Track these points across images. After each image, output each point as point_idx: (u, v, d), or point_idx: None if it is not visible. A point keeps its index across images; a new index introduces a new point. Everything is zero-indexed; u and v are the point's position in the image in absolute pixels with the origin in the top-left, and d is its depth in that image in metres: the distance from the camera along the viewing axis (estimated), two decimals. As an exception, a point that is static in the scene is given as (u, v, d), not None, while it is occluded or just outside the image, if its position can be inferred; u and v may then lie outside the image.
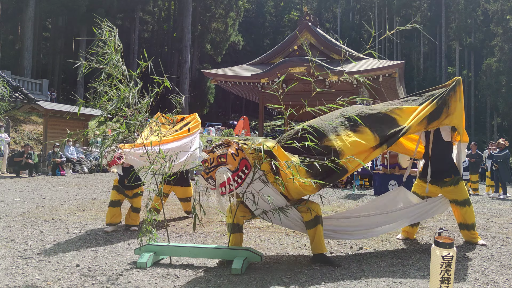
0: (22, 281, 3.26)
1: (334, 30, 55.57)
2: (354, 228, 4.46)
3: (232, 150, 3.49)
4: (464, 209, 4.80)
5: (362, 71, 14.06)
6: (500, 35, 36.42)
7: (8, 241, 4.49)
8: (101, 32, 3.68)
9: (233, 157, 3.47)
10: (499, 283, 3.50)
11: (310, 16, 18.25)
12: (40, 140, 16.13)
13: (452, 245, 2.77)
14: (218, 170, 3.39)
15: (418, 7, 48.06)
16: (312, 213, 3.89)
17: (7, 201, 7.17)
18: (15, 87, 16.86)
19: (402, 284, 3.42)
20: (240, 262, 3.59)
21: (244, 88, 18.71)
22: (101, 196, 8.40)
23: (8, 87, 11.64)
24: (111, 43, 3.70)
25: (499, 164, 11.47)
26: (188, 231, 5.26)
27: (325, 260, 3.95)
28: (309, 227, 3.94)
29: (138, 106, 3.83)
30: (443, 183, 4.85)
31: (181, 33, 36.61)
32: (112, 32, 3.73)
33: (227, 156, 3.45)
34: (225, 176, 3.36)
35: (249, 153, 3.61)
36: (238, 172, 3.46)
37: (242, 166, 3.50)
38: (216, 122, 36.63)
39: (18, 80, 21.20)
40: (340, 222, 4.44)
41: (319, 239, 3.92)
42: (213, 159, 3.50)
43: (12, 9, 30.83)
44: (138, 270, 3.62)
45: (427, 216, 5.05)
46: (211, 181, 3.49)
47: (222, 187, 3.43)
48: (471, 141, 17.97)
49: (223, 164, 3.43)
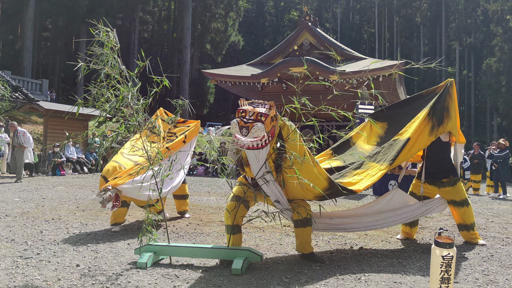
0: (22, 281, 3.26)
1: (334, 30, 55.55)
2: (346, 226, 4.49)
3: (272, 114, 3.52)
4: (462, 210, 4.80)
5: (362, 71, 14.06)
6: (500, 35, 36.39)
7: (8, 241, 4.49)
8: (98, 33, 3.68)
9: (270, 120, 3.51)
10: (499, 283, 3.51)
11: (310, 16, 18.26)
12: (40, 140, 16.12)
13: (452, 245, 2.77)
14: (257, 125, 3.41)
15: (418, 7, 48.02)
16: (302, 213, 3.91)
17: (7, 201, 7.17)
18: (15, 87, 16.87)
19: (402, 284, 3.42)
20: (240, 262, 3.59)
21: (244, 88, 18.71)
22: (101, 196, 8.40)
23: (8, 87, 11.64)
24: (109, 44, 3.69)
25: (499, 164, 11.48)
26: (188, 231, 5.26)
27: (312, 258, 4.01)
28: (297, 226, 3.97)
29: (136, 107, 3.83)
30: (441, 184, 4.85)
31: (181, 33, 36.61)
32: (109, 33, 3.72)
33: (267, 117, 3.47)
34: (261, 133, 3.41)
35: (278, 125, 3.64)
36: (268, 135, 3.51)
37: (272, 132, 3.55)
38: (216, 122, 36.61)
39: (18, 80, 21.20)
40: (334, 220, 4.44)
41: (306, 240, 3.99)
42: (253, 113, 3.50)
43: (12, 9, 30.82)
44: (138, 270, 3.62)
45: (422, 216, 5.05)
46: (244, 130, 3.45)
47: (254, 141, 3.44)
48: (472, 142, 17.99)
49: (260, 122, 3.44)
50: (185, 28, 34.62)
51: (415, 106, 4.85)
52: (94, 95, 3.65)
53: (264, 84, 16.72)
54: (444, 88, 4.69)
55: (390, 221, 4.68)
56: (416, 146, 4.46)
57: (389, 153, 4.41)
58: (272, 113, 3.52)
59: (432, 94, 4.79)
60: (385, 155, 4.45)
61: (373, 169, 4.34)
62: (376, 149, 4.77)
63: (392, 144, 4.49)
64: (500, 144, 11.83)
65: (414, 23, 48.62)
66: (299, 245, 4.03)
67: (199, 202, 7.78)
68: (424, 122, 4.46)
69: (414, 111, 4.79)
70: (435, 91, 4.80)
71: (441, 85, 4.79)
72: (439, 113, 4.55)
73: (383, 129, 4.97)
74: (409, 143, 4.36)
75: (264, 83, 16.51)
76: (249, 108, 3.52)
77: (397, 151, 4.32)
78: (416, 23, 48.45)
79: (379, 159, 4.45)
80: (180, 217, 6.29)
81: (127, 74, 3.80)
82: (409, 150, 4.41)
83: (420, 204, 4.86)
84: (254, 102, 3.64)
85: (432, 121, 4.49)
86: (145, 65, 3.74)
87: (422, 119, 4.47)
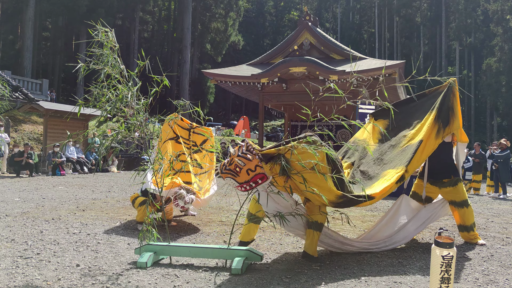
0: (22, 281, 3.26)
1: (334, 30, 55.54)
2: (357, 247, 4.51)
3: (249, 167, 3.53)
4: (462, 211, 4.79)
5: (362, 71, 14.05)
6: (500, 35, 36.40)
7: (8, 241, 4.49)
8: (97, 34, 3.68)
9: (247, 173, 3.54)
10: (499, 283, 3.51)
11: (310, 16, 18.23)
12: (40, 140, 16.13)
13: (452, 245, 2.77)
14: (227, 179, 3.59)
15: (418, 7, 48.01)
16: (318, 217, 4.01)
17: (7, 201, 7.17)
18: (15, 87, 16.85)
19: (402, 284, 3.42)
20: (240, 262, 3.59)
21: (244, 88, 18.69)
22: (101, 196, 8.40)
23: (8, 87, 11.63)
24: (108, 44, 3.69)
25: (499, 164, 11.48)
26: (188, 231, 5.26)
27: (312, 258, 4.06)
28: (310, 227, 4.05)
29: (137, 107, 3.83)
30: (442, 184, 4.85)
31: (181, 33, 36.60)
32: (108, 33, 3.72)
33: (241, 171, 3.54)
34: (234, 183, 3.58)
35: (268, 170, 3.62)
36: (249, 183, 3.57)
37: (256, 179, 3.58)
38: (216, 122, 36.62)
39: (18, 80, 21.19)
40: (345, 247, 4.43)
41: (312, 242, 4.05)
42: (232, 161, 3.57)
43: (12, 9, 30.82)
44: (138, 270, 3.62)
45: (430, 222, 5.03)
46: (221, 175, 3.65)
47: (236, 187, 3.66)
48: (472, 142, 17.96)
49: (234, 174, 3.54)
50: (185, 28, 34.61)
51: (418, 105, 4.83)
52: (95, 95, 3.66)
53: (264, 84, 16.70)
54: (448, 88, 4.65)
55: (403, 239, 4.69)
56: (426, 150, 4.43)
57: (403, 156, 4.36)
58: (249, 166, 3.52)
59: (436, 93, 4.75)
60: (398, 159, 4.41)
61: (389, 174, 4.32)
62: (380, 148, 4.77)
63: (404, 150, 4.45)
64: (502, 144, 11.83)
65: (414, 23, 48.61)
66: (307, 247, 4.09)
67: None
68: (431, 125, 4.44)
69: (417, 109, 4.77)
70: (438, 90, 4.77)
71: (444, 84, 4.73)
72: (445, 114, 4.52)
73: (385, 126, 4.96)
74: (421, 147, 4.33)
75: (264, 83, 16.49)
76: (232, 156, 3.58)
77: (412, 153, 4.29)
78: (416, 23, 48.44)
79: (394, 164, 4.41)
80: (183, 215, 6.30)
81: (127, 74, 3.80)
82: (421, 154, 4.38)
83: (425, 211, 4.82)
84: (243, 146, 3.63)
85: (438, 124, 4.46)
86: (145, 65, 3.74)
87: (430, 123, 4.44)
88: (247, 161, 3.54)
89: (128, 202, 7.54)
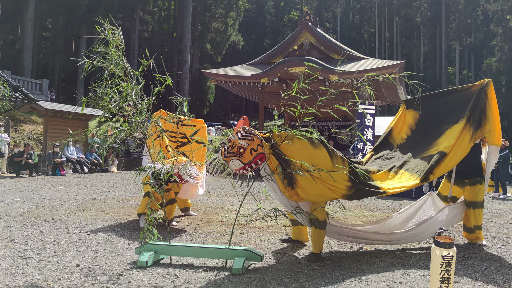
0: (22, 281, 3.26)
1: (334, 30, 55.54)
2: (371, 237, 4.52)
3: (252, 146, 3.69)
4: (469, 211, 4.80)
5: (362, 71, 14.05)
6: (500, 35, 36.42)
7: (8, 241, 4.49)
8: (103, 31, 3.69)
9: (250, 152, 3.69)
10: (499, 283, 3.51)
11: (310, 16, 18.24)
12: (40, 140, 16.13)
13: (452, 245, 2.77)
14: (232, 161, 3.70)
15: (418, 7, 48.04)
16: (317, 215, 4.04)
17: (7, 201, 7.17)
18: (15, 87, 16.85)
19: (402, 284, 3.42)
20: (240, 262, 3.59)
21: (244, 88, 18.70)
22: (101, 196, 8.40)
23: (8, 87, 11.63)
24: (114, 42, 3.70)
25: (499, 164, 11.47)
26: (188, 231, 5.26)
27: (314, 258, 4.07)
28: (312, 225, 4.10)
29: (140, 107, 3.83)
30: (463, 184, 4.87)
31: (181, 33, 36.60)
32: (115, 31, 3.73)
33: (246, 151, 3.68)
34: (237, 166, 3.71)
35: (268, 149, 3.81)
36: (251, 163, 3.72)
37: (257, 159, 3.73)
38: (216, 122, 36.61)
39: (18, 80, 21.20)
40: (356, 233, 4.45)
41: (316, 241, 4.09)
42: (234, 145, 3.72)
43: (12, 9, 30.80)
44: (138, 270, 3.62)
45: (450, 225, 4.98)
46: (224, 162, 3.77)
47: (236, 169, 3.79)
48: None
49: (239, 156, 3.68)
50: (185, 28, 34.61)
51: (449, 102, 4.79)
52: (98, 94, 3.66)
53: (264, 84, 16.72)
54: (481, 88, 4.55)
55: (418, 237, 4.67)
56: (456, 156, 4.38)
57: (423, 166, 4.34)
58: (252, 146, 3.68)
59: (468, 93, 4.67)
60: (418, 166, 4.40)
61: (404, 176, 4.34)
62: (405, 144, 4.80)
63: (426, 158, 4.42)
64: (501, 144, 11.83)
65: (414, 23, 48.63)
66: (312, 244, 4.15)
67: (199, 202, 7.78)
68: (462, 132, 4.40)
69: (447, 108, 4.72)
70: (470, 89, 4.68)
71: (477, 84, 4.66)
72: (477, 116, 4.45)
73: (415, 119, 4.95)
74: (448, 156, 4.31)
75: (264, 83, 16.50)
76: (233, 141, 3.73)
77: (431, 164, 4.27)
78: (416, 23, 48.45)
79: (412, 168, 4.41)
80: (184, 215, 6.30)
81: (131, 73, 3.81)
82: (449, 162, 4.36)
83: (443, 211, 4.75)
84: (241, 130, 3.79)
85: (471, 129, 4.40)
86: (149, 64, 3.75)
87: (460, 130, 4.40)
88: (250, 141, 3.69)
89: (128, 202, 7.54)
